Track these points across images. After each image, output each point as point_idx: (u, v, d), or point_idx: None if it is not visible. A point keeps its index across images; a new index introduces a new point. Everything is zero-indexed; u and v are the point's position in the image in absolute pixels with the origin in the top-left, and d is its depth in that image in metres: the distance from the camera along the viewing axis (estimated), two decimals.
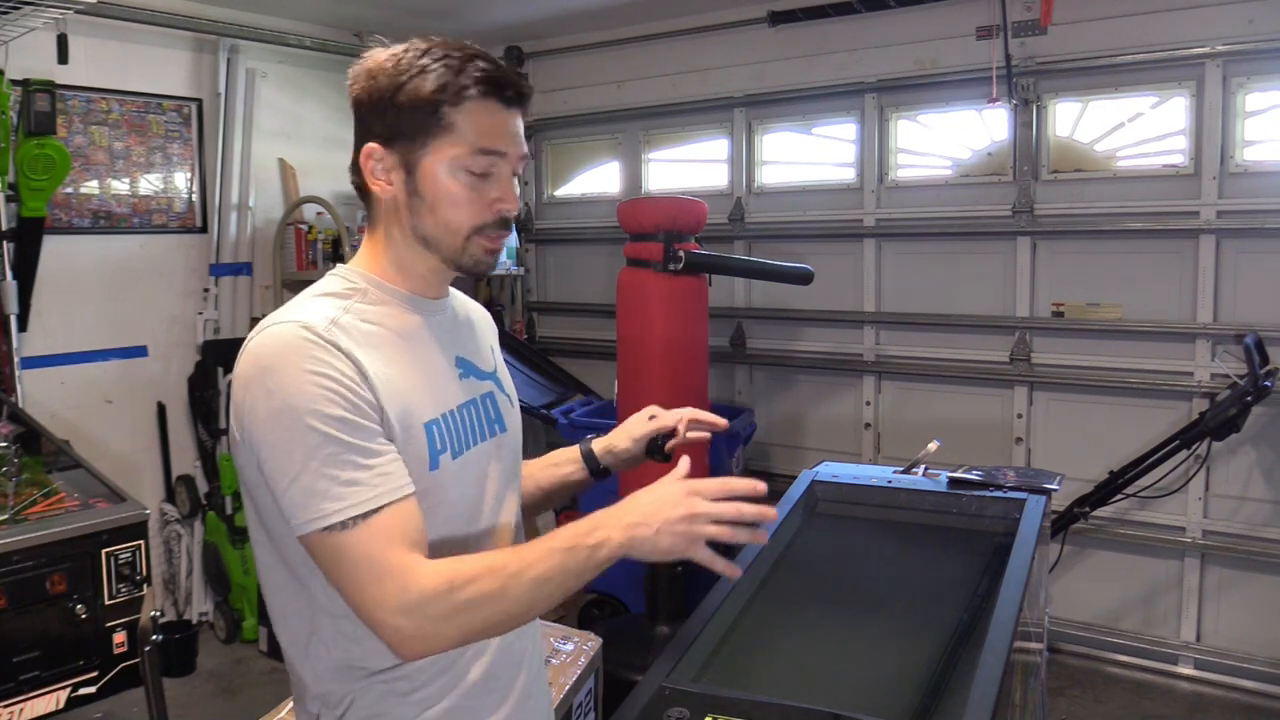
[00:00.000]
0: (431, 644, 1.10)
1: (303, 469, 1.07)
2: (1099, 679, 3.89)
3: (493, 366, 1.38)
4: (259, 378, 1.10)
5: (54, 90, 3.67)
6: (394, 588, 1.07)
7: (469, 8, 4.56)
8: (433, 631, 1.08)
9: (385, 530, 1.08)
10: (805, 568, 2.15)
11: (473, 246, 1.23)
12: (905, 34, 4.27)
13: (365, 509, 1.08)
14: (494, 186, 1.22)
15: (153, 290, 4.29)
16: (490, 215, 1.22)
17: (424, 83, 1.17)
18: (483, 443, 1.28)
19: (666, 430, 1.50)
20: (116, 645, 2.57)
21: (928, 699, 1.59)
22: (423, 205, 1.21)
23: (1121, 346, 3.93)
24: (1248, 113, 3.68)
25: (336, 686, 1.20)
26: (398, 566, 1.07)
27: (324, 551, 1.09)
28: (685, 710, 1.45)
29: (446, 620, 1.08)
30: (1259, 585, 3.74)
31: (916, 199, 4.39)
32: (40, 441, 3.21)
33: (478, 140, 1.19)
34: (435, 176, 1.20)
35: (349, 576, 1.08)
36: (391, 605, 1.07)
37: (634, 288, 3.70)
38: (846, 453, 4.53)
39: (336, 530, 1.07)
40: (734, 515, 1.15)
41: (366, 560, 1.07)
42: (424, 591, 1.07)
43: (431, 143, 1.19)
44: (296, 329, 1.13)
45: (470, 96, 1.18)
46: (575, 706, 2.20)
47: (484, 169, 1.20)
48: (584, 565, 1.12)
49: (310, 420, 1.08)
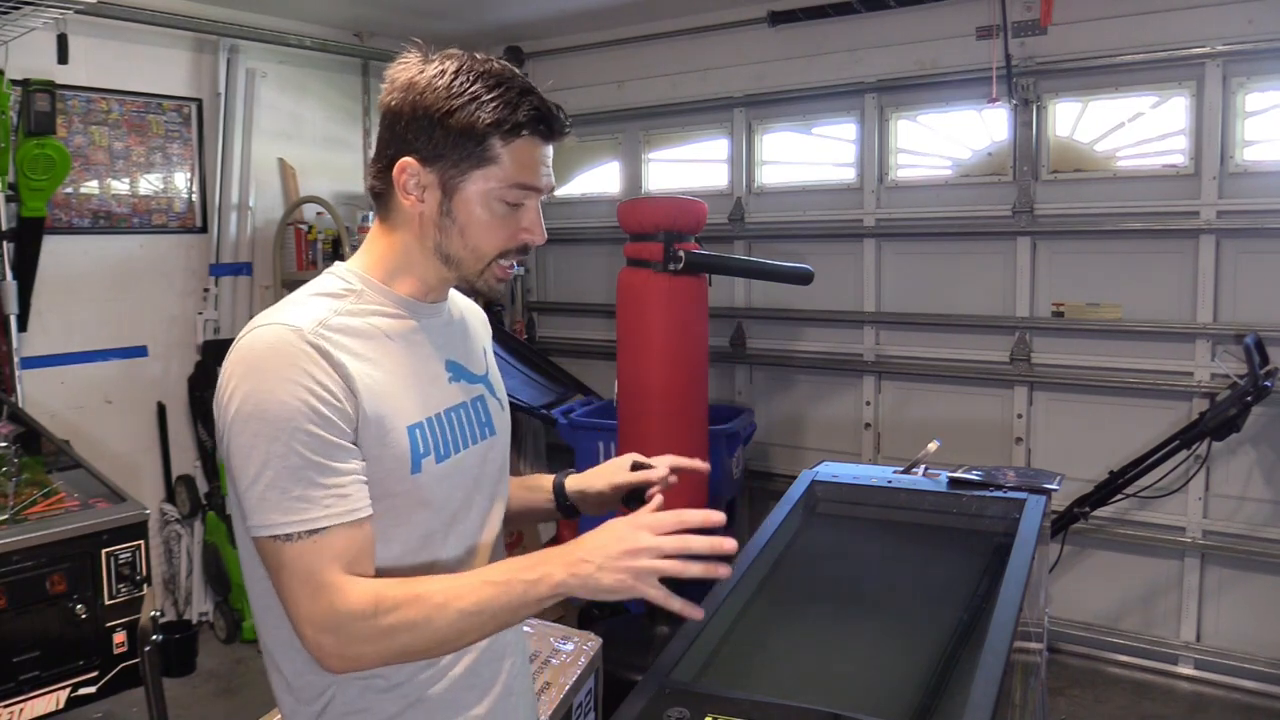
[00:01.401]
0: (350, 663, 1.12)
1: (260, 475, 1.10)
2: (1099, 679, 3.89)
3: (484, 369, 1.38)
4: (239, 378, 1.12)
5: (54, 90, 3.67)
6: (324, 604, 1.09)
7: (469, 8, 4.56)
8: (355, 652, 1.11)
9: (327, 549, 1.10)
10: (805, 568, 2.15)
11: (490, 273, 1.26)
12: (905, 34, 4.27)
13: (311, 527, 1.10)
14: (523, 216, 1.24)
15: (153, 290, 4.29)
16: (515, 244, 1.25)
17: (481, 113, 1.17)
18: (471, 446, 1.28)
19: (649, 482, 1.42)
20: (116, 645, 2.57)
21: (928, 699, 1.59)
22: (453, 227, 1.22)
23: (1121, 346, 3.93)
24: (1248, 113, 3.68)
25: (316, 679, 1.21)
26: (330, 585, 1.10)
27: (268, 557, 1.12)
28: (685, 710, 1.45)
29: (368, 642, 1.10)
30: (1259, 585, 3.74)
31: (916, 199, 4.39)
32: (40, 441, 3.21)
33: (517, 175, 1.20)
34: (471, 203, 1.21)
35: (286, 586, 1.11)
36: (318, 621, 1.09)
37: (634, 288, 3.70)
38: (846, 453, 4.53)
39: (281, 541, 1.10)
40: (678, 548, 1.11)
41: (304, 574, 1.10)
42: (350, 611, 1.09)
43: (474, 171, 1.20)
44: (284, 332, 1.13)
45: (523, 135, 1.19)
46: (575, 706, 2.20)
47: (517, 200, 1.22)
48: (520, 601, 1.12)
49: (278, 431, 1.09)
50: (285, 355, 1.12)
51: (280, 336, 1.13)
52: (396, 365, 1.21)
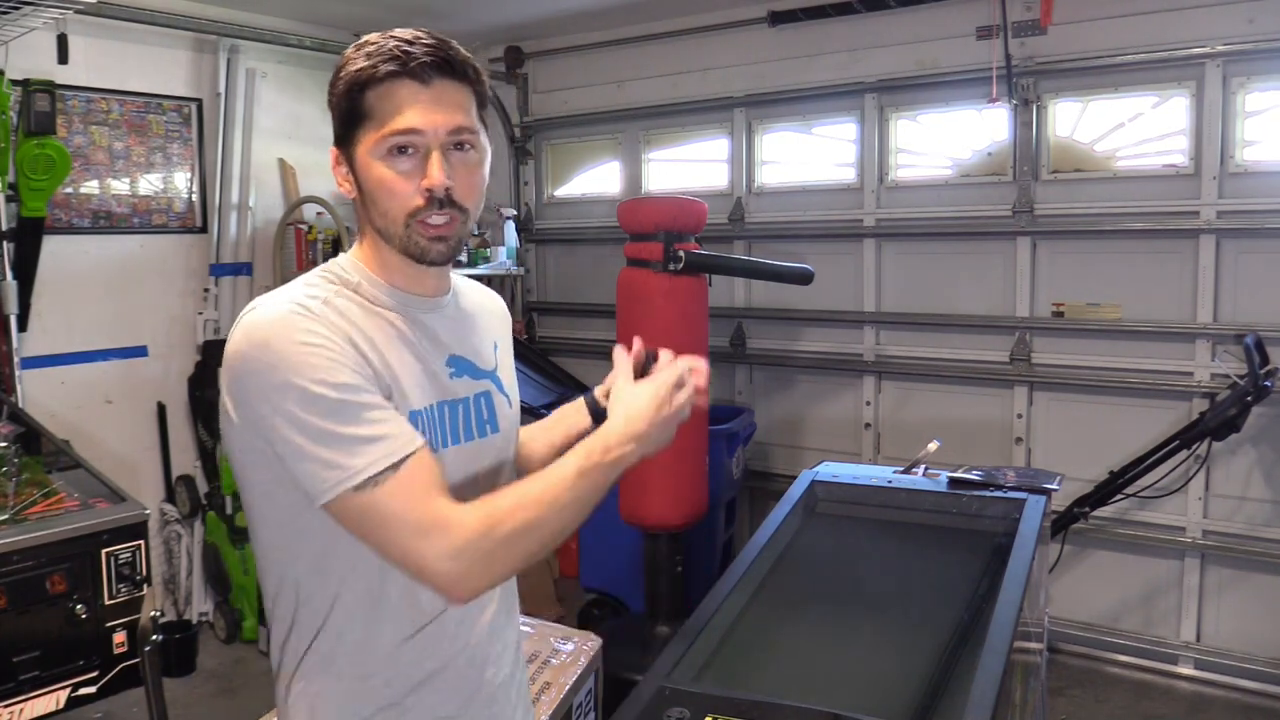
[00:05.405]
0: (481, 581, 1.13)
1: (320, 434, 1.08)
2: (1099, 679, 3.89)
3: (493, 365, 1.36)
4: (258, 353, 1.10)
5: (54, 90, 3.67)
6: (436, 535, 1.08)
7: (469, 8, 4.56)
8: (482, 569, 1.11)
9: (414, 480, 1.10)
10: (805, 568, 2.15)
11: (415, 234, 1.19)
12: (905, 34, 4.27)
13: (392, 460, 1.09)
14: (427, 167, 1.17)
15: (153, 290, 4.29)
16: (421, 199, 1.18)
17: (347, 74, 1.18)
18: (467, 443, 1.27)
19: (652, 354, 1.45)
20: (116, 645, 2.57)
21: (928, 699, 1.59)
22: (368, 200, 1.21)
23: (1121, 346, 3.93)
24: (1248, 113, 3.68)
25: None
26: (436, 514, 1.09)
27: (354, 512, 1.09)
28: (685, 710, 1.45)
29: (492, 556, 1.11)
30: (1259, 585, 3.74)
31: (916, 199, 4.39)
32: (40, 441, 3.21)
33: (390, 121, 1.16)
34: (365, 167, 1.19)
35: (388, 531, 1.09)
36: (437, 552, 1.08)
37: (634, 288, 3.69)
38: (846, 453, 4.53)
39: (367, 488, 1.08)
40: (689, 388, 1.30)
41: (404, 512, 1.08)
42: (467, 534, 1.09)
43: (358, 134, 1.19)
44: (289, 304, 1.14)
45: (381, 78, 1.16)
46: (575, 706, 2.20)
47: (402, 145, 1.16)
48: (604, 483, 1.19)
49: (319, 388, 1.08)
50: (297, 324, 1.11)
51: (287, 309, 1.13)
52: (399, 354, 1.20)
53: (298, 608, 1.20)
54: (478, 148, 1.22)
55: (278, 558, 1.21)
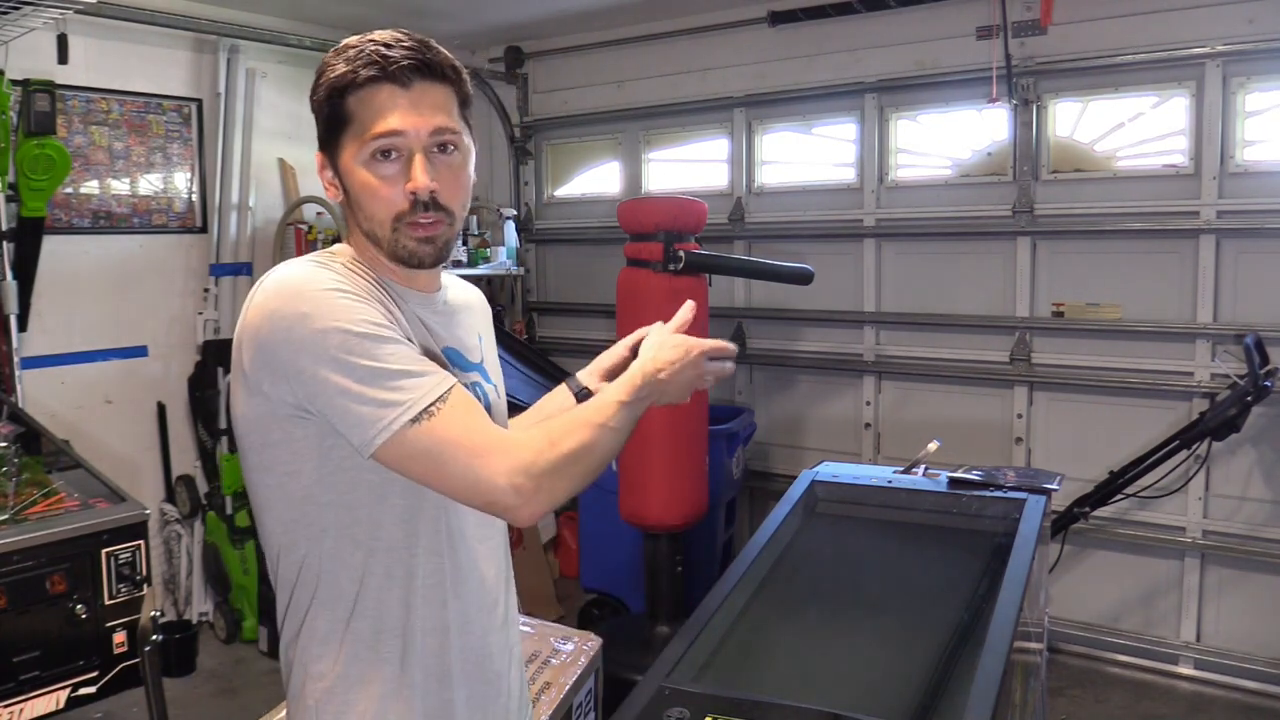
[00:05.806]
0: (545, 499, 1.13)
1: (367, 373, 1.08)
2: (1099, 679, 3.89)
3: (479, 357, 1.37)
4: (290, 305, 1.10)
5: (54, 90, 3.67)
6: (499, 455, 1.10)
7: (469, 8, 4.56)
8: (548, 486, 1.12)
9: (465, 407, 1.12)
10: (805, 568, 2.15)
11: (402, 237, 1.20)
12: (905, 34, 4.27)
13: (440, 391, 1.10)
14: (411, 170, 1.18)
15: (153, 290, 4.29)
16: (405, 202, 1.18)
17: (327, 80, 1.19)
18: None
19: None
20: (116, 645, 2.57)
21: (928, 699, 1.59)
22: (354, 204, 1.22)
23: (1121, 346, 3.93)
24: (1248, 113, 3.68)
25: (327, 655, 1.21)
26: (495, 437, 1.12)
27: (412, 446, 1.09)
28: (685, 710, 1.45)
29: (555, 473, 1.12)
30: (1259, 585, 3.74)
31: (916, 199, 4.39)
32: (40, 441, 3.21)
33: (372, 124, 1.17)
34: (351, 173, 1.20)
35: (448, 459, 1.10)
36: (505, 469, 1.10)
37: (634, 288, 3.70)
38: (846, 453, 4.53)
39: (423, 420, 1.09)
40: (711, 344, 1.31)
41: (461, 437, 1.10)
42: (529, 453, 1.11)
43: (342, 139, 1.20)
44: (309, 262, 1.17)
45: (361, 83, 1.16)
46: (575, 706, 2.20)
47: (385, 149, 1.17)
48: (637, 417, 1.23)
49: (359, 326, 1.10)
50: (322, 278, 1.14)
51: (310, 267, 1.16)
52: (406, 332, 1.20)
53: (318, 587, 1.19)
54: (461, 148, 1.23)
55: (296, 536, 1.20)
